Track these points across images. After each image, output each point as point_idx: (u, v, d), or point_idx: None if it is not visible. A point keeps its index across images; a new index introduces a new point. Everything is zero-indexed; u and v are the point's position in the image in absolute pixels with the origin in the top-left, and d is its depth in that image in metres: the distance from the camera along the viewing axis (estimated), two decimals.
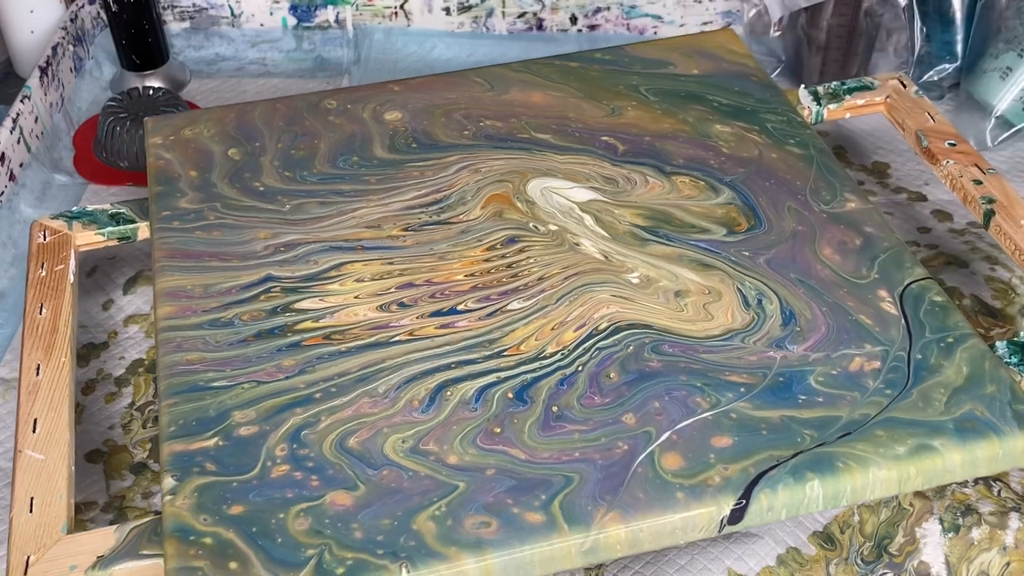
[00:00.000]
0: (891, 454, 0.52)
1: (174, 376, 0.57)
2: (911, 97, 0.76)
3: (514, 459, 0.52)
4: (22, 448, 0.56)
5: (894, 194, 0.80)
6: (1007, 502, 0.60)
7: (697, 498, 0.50)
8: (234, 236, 0.65)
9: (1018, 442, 0.52)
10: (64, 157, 0.85)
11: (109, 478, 0.61)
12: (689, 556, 0.57)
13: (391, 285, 0.61)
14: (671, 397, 0.55)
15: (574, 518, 0.49)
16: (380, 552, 0.49)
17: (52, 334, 0.62)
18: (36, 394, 0.59)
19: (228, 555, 0.49)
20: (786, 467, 0.51)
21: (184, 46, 0.96)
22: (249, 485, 0.52)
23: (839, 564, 0.58)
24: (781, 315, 0.59)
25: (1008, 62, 0.84)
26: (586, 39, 0.95)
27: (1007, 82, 0.84)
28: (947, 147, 0.72)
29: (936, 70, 0.90)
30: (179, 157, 0.71)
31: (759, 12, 0.92)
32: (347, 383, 0.56)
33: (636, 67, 0.78)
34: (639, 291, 0.60)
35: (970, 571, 0.58)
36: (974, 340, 0.57)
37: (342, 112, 0.75)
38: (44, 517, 0.53)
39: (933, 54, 0.90)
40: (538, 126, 0.73)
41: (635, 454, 0.52)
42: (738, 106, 0.74)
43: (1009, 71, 0.84)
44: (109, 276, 0.73)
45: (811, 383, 0.55)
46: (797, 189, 0.67)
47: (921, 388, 0.55)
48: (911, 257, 0.62)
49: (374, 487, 0.51)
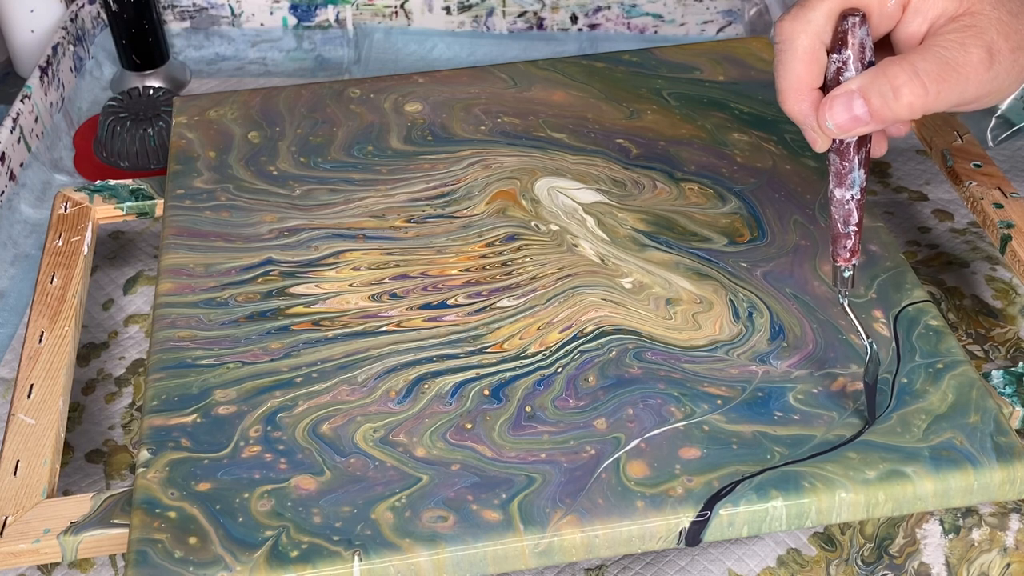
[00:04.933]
0: (860, 478, 0.51)
1: (164, 352, 0.58)
2: (942, 114, 0.75)
3: (480, 456, 0.52)
4: (15, 412, 0.58)
5: (895, 193, 0.79)
6: (1007, 503, 0.58)
7: (657, 508, 0.50)
8: (242, 218, 0.66)
9: (995, 475, 0.51)
10: (64, 157, 0.86)
11: (109, 478, 0.62)
12: (689, 557, 0.57)
13: (386, 275, 0.62)
14: (646, 405, 0.54)
15: (531, 519, 0.50)
16: (335, 539, 0.49)
17: (60, 303, 0.64)
18: (36, 360, 0.61)
19: (189, 530, 0.50)
20: (751, 483, 0.51)
21: (184, 46, 0.97)
22: (219, 464, 0.53)
23: (839, 565, 0.57)
24: (770, 329, 0.58)
25: None
26: (586, 38, 0.94)
27: None
28: (972, 168, 0.70)
29: None
30: (200, 137, 0.73)
31: (759, 11, 0.91)
32: (328, 369, 0.57)
33: (662, 71, 0.77)
34: (630, 296, 0.60)
35: (970, 572, 0.57)
36: (965, 367, 0.56)
37: (364, 101, 0.75)
38: (27, 480, 0.55)
39: None
40: (555, 125, 0.73)
41: (601, 459, 0.52)
42: (759, 115, 0.73)
43: None
44: (109, 276, 0.74)
45: (789, 400, 0.54)
46: (806, 203, 0.66)
47: (902, 413, 0.53)
48: (913, 279, 0.61)
49: (339, 474, 0.52)
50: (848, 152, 0.52)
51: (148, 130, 0.83)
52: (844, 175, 0.52)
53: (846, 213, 0.53)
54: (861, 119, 0.50)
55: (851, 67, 0.51)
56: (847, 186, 0.52)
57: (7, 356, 0.70)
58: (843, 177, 0.52)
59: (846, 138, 0.51)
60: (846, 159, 0.52)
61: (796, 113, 0.52)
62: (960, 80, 0.50)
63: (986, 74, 0.50)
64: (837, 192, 0.53)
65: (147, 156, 0.83)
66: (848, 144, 0.52)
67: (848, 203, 0.53)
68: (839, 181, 0.52)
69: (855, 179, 0.52)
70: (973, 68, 0.50)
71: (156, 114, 0.84)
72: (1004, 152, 0.83)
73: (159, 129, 0.83)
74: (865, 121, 0.50)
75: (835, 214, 0.53)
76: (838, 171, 0.52)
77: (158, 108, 0.84)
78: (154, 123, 0.83)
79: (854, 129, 0.50)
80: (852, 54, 0.50)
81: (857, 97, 0.50)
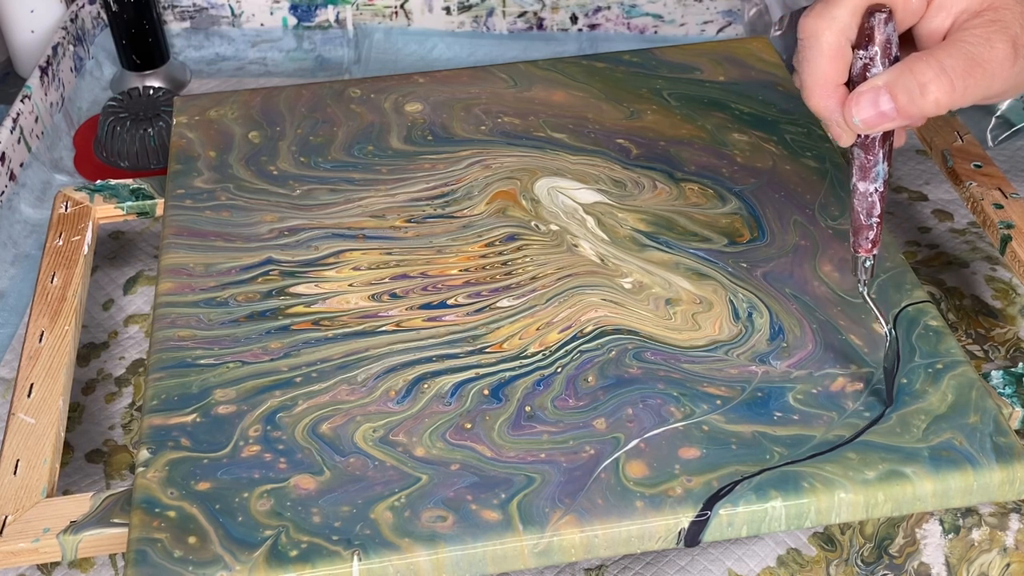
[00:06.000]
0: (860, 478, 0.51)
1: (164, 351, 0.58)
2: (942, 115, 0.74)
3: (480, 456, 0.52)
4: (15, 412, 0.58)
5: (894, 193, 0.79)
6: (1007, 503, 0.58)
7: (656, 508, 0.50)
8: (242, 217, 0.66)
9: (994, 475, 0.51)
10: (64, 157, 0.86)
11: (109, 478, 0.62)
12: (689, 557, 0.57)
13: (386, 275, 0.62)
14: (645, 405, 0.54)
15: (530, 519, 0.50)
16: (335, 538, 0.49)
17: (60, 302, 0.64)
18: (36, 359, 0.61)
19: (189, 529, 0.50)
20: (750, 483, 0.51)
21: (184, 46, 0.96)
22: (219, 463, 0.53)
23: (839, 565, 0.57)
24: (770, 329, 0.58)
25: None
26: (586, 38, 0.94)
27: None
28: (972, 168, 0.70)
29: None
30: (201, 137, 0.73)
31: (759, 11, 0.91)
32: (328, 369, 0.57)
33: (663, 71, 0.77)
34: (630, 296, 0.60)
35: (970, 572, 0.57)
36: (964, 367, 0.56)
37: (364, 101, 0.75)
38: (26, 480, 0.55)
39: None
40: (555, 125, 0.73)
41: (600, 459, 0.52)
42: (759, 115, 0.73)
43: None
44: (109, 276, 0.74)
45: (789, 400, 0.54)
46: (806, 203, 0.66)
47: (901, 413, 0.53)
48: (913, 279, 0.61)
49: (339, 474, 0.52)
50: (873, 146, 0.52)
51: (148, 130, 0.83)
52: (868, 168, 0.52)
53: (869, 205, 0.53)
54: (887, 115, 0.50)
55: (877, 63, 0.51)
56: (871, 179, 0.53)
57: (7, 356, 0.70)
58: (867, 171, 0.53)
59: (871, 133, 0.52)
60: (871, 153, 0.52)
61: (821, 109, 0.52)
62: (986, 75, 0.50)
63: (1011, 68, 0.50)
64: (860, 185, 0.53)
65: (147, 156, 0.83)
66: (873, 139, 0.52)
67: (871, 195, 0.53)
68: (863, 175, 0.53)
69: (879, 172, 0.53)
70: (999, 63, 0.50)
71: (156, 114, 0.84)
72: (1004, 152, 0.83)
73: (159, 129, 0.83)
74: (891, 117, 0.50)
75: (857, 206, 0.53)
76: (862, 165, 0.53)
77: (158, 108, 0.84)
78: (154, 123, 0.83)
79: (880, 125, 0.51)
80: (879, 50, 0.50)
81: (884, 93, 0.50)
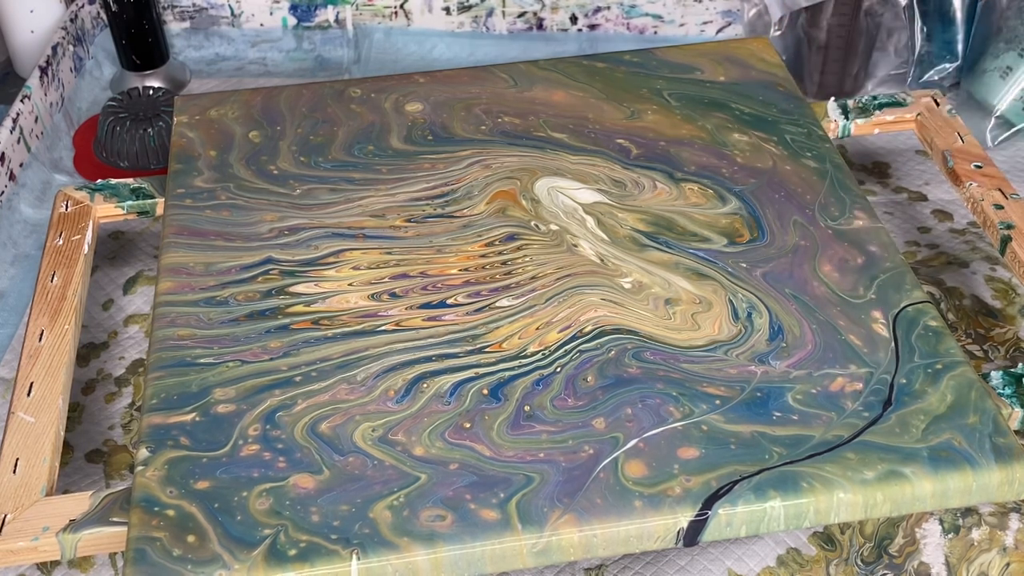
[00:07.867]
0: (859, 478, 0.51)
1: (163, 350, 0.58)
2: (943, 116, 0.75)
3: (479, 455, 0.52)
4: (15, 410, 0.58)
5: (894, 194, 0.79)
6: (1007, 503, 0.58)
7: (655, 508, 0.50)
8: (242, 217, 0.66)
9: (993, 475, 0.51)
10: (64, 157, 0.86)
11: (109, 478, 0.62)
12: (689, 557, 0.57)
13: (386, 275, 0.62)
14: (644, 404, 0.54)
15: (529, 518, 0.50)
16: (334, 537, 0.49)
17: (60, 301, 0.64)
18: (36, 359, 0.61)
19: (188, 528, 0.50)
20: (749, 483, 0.51)
21: (184, 46, 0.96)
22: (218, 462, 0.53)
23: (839, 565, 0.57)
24: (769, 329, 0.58)
25: (1008, 62, 0.82)
26: (586, 39, 0.94)
27: (1007, 82, 0.82)
28: (973, 169, 0.70)
29: (936, 70, 0.89)
30: (201, 136, 0.73)
31: (759, 12, 0.91)
32: (328, 368, 0.57)
33: (663, 71, 0.77)
34: (630, 296, 0.60)
35: (970, 572, 0.57)
36: (964, 368, 0.56)
37: (365, 101, 0.75)
38: (26, 478, 0.55)
39: (933, 54, 0.88)
40: (555, 125, 0.73)
41: (599, 459, 0.52)
42: (759, 115, 0.73)
43: (1009, 71, 0.82)
44: (109, 276, 0.74)
45: (788, 400, 0.54)
46: (806, 203, 0.66)
47: (900, 413, 0.53)
48: (913, 280, 0.61)
49: (338, 473, 0.52)
50: None
51: (148, 130, 0.83)
52: None
53: None
54: None
55: None
56: None
57: (7, 356, 0.70)
58: None
59: None
60: None
61: None
62: None
63: None
64: None
65: (147, 156, 0.83)
66: None
67: None
68: None
69: None
70: None
71: (156, 114, 0.84)
72: (1004, 153, 0.83)
73: (159, 129, 0.83)
74: None
75: None
76: None
77: (158, 108, 0.84)
78: (154, 123, 0.83)
79: None
80: None
81: None
